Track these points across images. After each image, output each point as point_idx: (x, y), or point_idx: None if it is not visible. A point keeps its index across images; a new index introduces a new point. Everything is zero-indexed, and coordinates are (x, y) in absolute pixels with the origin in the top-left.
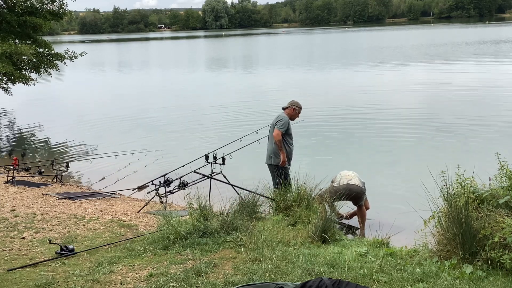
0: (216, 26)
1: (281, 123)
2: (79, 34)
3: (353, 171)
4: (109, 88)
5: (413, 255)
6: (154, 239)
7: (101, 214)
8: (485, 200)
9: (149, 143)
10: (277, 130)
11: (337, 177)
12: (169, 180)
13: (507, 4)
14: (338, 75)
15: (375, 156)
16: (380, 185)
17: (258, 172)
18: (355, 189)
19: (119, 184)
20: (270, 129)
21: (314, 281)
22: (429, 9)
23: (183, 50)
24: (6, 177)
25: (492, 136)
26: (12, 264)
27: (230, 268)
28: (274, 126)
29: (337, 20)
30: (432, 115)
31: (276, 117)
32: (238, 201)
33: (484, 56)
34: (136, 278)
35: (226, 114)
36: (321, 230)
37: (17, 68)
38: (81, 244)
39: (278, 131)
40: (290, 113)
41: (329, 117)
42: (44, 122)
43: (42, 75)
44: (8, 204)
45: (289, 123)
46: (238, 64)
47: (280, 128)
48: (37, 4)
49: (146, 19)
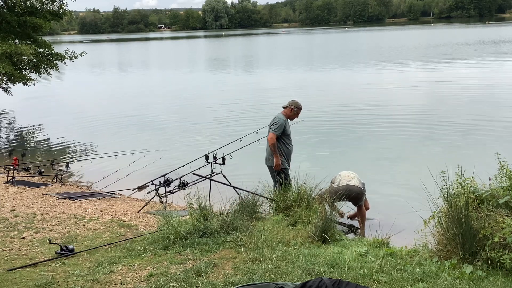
0: (216, 26)
1: (276, 126)
2: (79, 34)
3: (352, 172)
4: (109, 88)
5: (413, 255)
6: (154, 239)
7: (101, 214)
8: (485, 200)
9: (149, 143)
10: (271, 133)
11: (337, 177)
12: (169, 180)
13: (507, 4)
14: (338, 75)
15: (375, 156)
16: (380, 185)
17: (258, 172)
18: (354, 189)
19: (119, 184)
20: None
21: (314, 281)
22: (429, 9)
23: (183, 50)
24: (6, 177)
25: (492, 136)
26: (12, 264)
27: (230, 268)
28: (269, 128)
29: (337, 20)
30: (432, 115)
31: (273, 118)
32: (238, 201)
33: (485, 56)
34: (136, 278)
35: (226, 114)
36: (321, 230)
37: (17, 68)
38: (81, 244)
39: (272, 134)
40: (288, 113)
41: (329, 117)
42: (44, 122)
43: (42, 75)
44: (8, 204)
45: (285, 124)
46: (238, 64)
47: (275, 131)
48: (37, 4)
49: (146, 19)
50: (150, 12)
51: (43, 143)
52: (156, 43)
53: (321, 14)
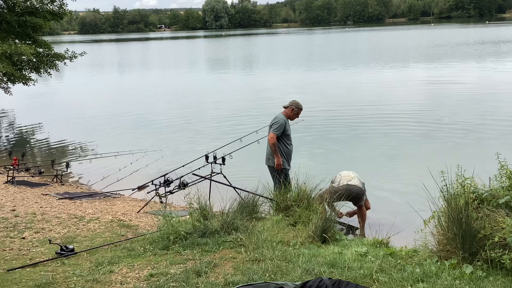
0: (216, 26)
1: (277, 125)
2: (79, 34)
3: (353, 172)
4: (109, 88)
5: (413, 255)
6: (154, 239)
7: (101, 214)
8: (485, 200)
9: (149, 143)
10: (271, 133)
11: (337, 177)
12: (169, 180)
13: (507, 4)
14: (338, 75)
15: (375, 156)
16: (380, 185)
17: (258, 172)
18: (355, 189)
19: (119, 184)
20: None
21: (314, 281)
22: (429, 9)
23: (183, 50)
24: (6, 177)
25: (492, 136)
26: (12, 264)
27: (230, 268)
28: (270, 128)
29: (337, 20)
30: (432, 115)
31: (273, 118)
32: (238, 201)
33: (485, 56)
34: (136, 278)
35: (226, 114)
36: (321, 230)
37: (17, 68)
38: (81, 244)
39: (272, 134)
40: (289, 113)
41: (329, 117)
42: (44, 122)
43: (42, 75)
44: (8, 204)
45: (286, 124)
46: (238, 64)
47: (275, 131)
48: (37, 4)
49: (146, 19)
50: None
51: (43, 143)
52: (156, 43)
53: (321, 14)
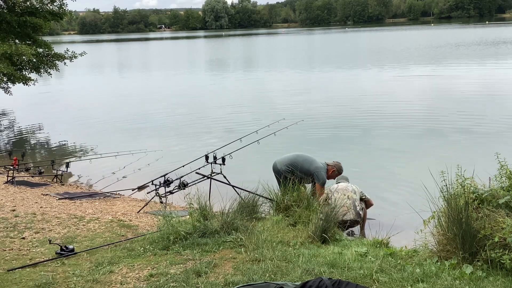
0: (216, 26)
1: (321, 176)
2: (79, 34)
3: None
4: (109, 88)
5: (413, 255)
6: (154, 239)
7: (101, 214)
8: (485, 200)
9: (149, 143)
10: (320, 187)
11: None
12: (169, 180)
13: (507, 4)
14: (338, 75)
15: (375, 156)
16: (380, 185)
17: (258, 172)
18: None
19: (119, 184)
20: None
21: (314, 281)
22: (429, 9)
23: (183, 50)
24: (6, 177)
25: (492, 136)
26: (12, 264)
27: (230, 268)
28: (310, 172)
29: (337, 20)
30: (432, 115)
31: (314, 166)
32: (238, 201)
33: (485, 57)
34: (136, 278)
35: (226, 114)
36: (321, 230)
37: (17, 68)
38: (81, 244)
39: (319, 187)
40: (329, 172)
41: (329, 117)
42: (44, 122)
43: (42, 75)
44: (8, 204)
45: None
46: (238, 64)
47: (321, 184)
48: (37, 4)
49: (146, 19)
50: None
51: (43, 143)
52: (156, 43)
53: (321, 14)
